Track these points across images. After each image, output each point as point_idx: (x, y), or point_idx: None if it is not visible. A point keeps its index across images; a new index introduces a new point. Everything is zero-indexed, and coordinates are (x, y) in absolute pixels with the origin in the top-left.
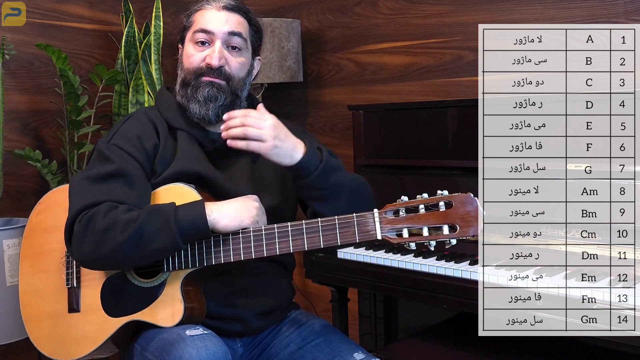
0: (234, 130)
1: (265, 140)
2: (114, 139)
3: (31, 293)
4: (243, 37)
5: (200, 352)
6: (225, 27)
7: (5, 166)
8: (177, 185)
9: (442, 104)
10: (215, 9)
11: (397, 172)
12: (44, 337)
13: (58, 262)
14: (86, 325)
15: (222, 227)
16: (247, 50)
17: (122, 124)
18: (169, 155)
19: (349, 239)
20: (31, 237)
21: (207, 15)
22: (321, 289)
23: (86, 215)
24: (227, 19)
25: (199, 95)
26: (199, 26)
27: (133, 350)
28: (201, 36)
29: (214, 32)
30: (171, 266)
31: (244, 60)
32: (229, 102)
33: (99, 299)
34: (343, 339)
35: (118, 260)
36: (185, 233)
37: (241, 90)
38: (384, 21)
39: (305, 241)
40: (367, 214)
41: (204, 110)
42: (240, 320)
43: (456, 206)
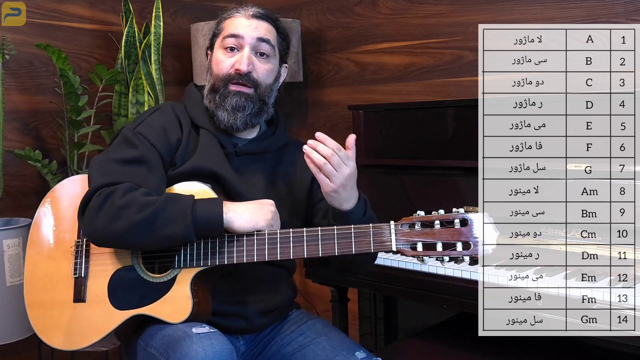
0: (316, 156)
1: (333, 183)
2: (140, 127)
3: (36, 280)
4: (271, 44)
5: (206, 350)
6: (254, 33)
7: (5, 166)
8: (194, 183)
9: (442, 104)
10: (244, 16)
11: (397, 172)
12: (46, 324)
13: (66, 251)
14: (91, 316)
15: (237, 227)
16: (274, 57)
17: (149, 114)
18: (189, 151)
19: (363, 248)
20: (40, 225)
21: (237, 22)
22: (321, 289)
23: (105, 191)
24: (256, 25)
25: (227, 104)
26: (228, 32)
27: (136, 346)
28: (230, 41)
29: (243, 36)
30: (182, 263)
31: (271, 67)
32: (257, 110)
33: (106, 291)
34: (344, 338)
35: (128, 239)
36: (199, 226)
37: (268, 97)
38: (384, 21)
39: (320, 247)
40: (383, 225)
41: (232, 119)
42: (242, 317)
43: (471, 225)
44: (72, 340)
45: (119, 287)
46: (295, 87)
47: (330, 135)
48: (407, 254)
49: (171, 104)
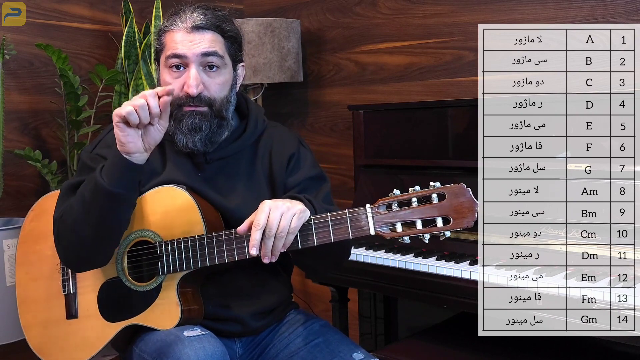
0: (265, 246)
1: (280, 222)
2: (97, 148)
3: (29, 301)
4: (219, 54)
5: (197, 353)
6: (197, 49)
7: (5, 166)
8: (168, 187)
9: (442, 104)
10: (184, 30)
11: (397, 172)
12: (44, 344)
13: (53, 269)
14: (85, 331)
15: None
16: (225, 66)
17: (106, 133)
18: (154, 165)
19: (342, 235)
20: (25, 244)
21: (177, 37)
22: (321, 289)
23: (58, 221)
24: (198, 39)
25: (182, 127)
26: (170, 51)
27: (132, 353)
28: (174, 61)
29: (186, 55)
30: (166, 269)
31: (223, 79)
32: (215, 128)
33: (96, 305)
34: (342, 339)
35: (78, 243)
36: (113, 180)
37: (226, 111)
38: (384, 21)
39: (298, 240)
40: (359, 210)
41: (190, 141)
42: (238, 321)
43: (449, 198)
44: (71, 356)
45: (108, 300)
46: (295, 87)
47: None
48: (386, 237)
49: None
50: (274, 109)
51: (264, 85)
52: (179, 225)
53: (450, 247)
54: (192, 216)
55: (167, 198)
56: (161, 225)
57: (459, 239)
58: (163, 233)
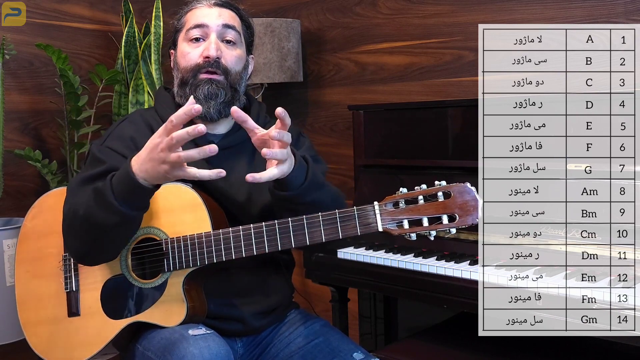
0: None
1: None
2: (107, 141)
3: (28, 299)
4: (237, 30)
5: (202, 352)
6: (219, 20)
7: (5, 166)
8: (174, 184)
9: (442, 104)
10: (206, 6)
11: (397, 172)
12: (44, 342)
13: (55, 267)
14: (87, 329)
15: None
16: (241, 44)
17: (116, 125)
18: None
19: (350, 232)
20: (26, 242)
21: (199, 12)
22: (321, 289)
23: (68, 215)
24: (219, 13)
25: (199, 94)
26: (192, 23)
27: (135, 350)
28: (196, 32)
29: (208, 25)
30: (172, 266)
31: (239, 53)
32: (230, 98)
33: (99, 302)
34: (343, 338)
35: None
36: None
37: (239, 85)
38: (384, 21)
39: (307, 236)
40: (367, 207)
41: (205, 108)
42: (239, 320)
43: (454, 196)
44: (72, 354)
45: (111, 297)
46: (295, 87)
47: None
48: (393, 233)
49: (140, 112)
50: (274, 109)
51: (264, 85)
52: (184, 223)
53: (450, 247)
54: (198, 213)
55: (173, 195)
56: (166, 222)
57: (459, 239)
58: (168, 230)
